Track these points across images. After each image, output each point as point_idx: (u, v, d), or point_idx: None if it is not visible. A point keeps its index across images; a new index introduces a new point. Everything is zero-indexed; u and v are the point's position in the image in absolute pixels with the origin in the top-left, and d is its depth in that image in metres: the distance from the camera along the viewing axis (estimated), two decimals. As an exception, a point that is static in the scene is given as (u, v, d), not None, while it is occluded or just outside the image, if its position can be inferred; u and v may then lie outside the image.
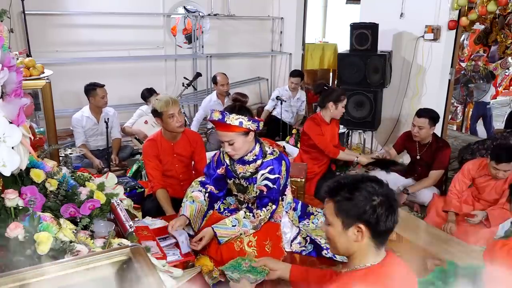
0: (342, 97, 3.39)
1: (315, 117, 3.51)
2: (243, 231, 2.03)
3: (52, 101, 2.49)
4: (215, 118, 2.01)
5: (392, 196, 1.27)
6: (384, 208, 1.23)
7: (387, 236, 1.28)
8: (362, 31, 4.39)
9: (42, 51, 5.03)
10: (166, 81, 6.09)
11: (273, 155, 2.15)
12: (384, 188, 1.27)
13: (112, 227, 1.68)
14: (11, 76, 1.30)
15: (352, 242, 1.27)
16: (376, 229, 1.24)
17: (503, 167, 2.88)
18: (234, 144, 2.05)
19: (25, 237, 1.29)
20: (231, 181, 2.28)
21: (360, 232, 1.25)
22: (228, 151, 2.10)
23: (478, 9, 3.98)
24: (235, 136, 2.04)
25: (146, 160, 2.79)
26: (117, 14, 5.57)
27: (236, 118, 2.00)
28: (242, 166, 2.19)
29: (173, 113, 2.65)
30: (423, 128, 3.47)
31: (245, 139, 2.07)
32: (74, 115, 4.27)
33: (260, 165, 2.13)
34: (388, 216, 1.23)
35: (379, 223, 1.23)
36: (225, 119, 1.99)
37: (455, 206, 3.11)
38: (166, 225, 2.31)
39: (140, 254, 1.12)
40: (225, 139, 2.06)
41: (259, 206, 2.09)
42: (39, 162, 1.69)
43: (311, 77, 7.79)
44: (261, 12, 6.69)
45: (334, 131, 3.56)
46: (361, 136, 5.05)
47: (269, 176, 2.09)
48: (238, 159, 2.16)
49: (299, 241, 2.23)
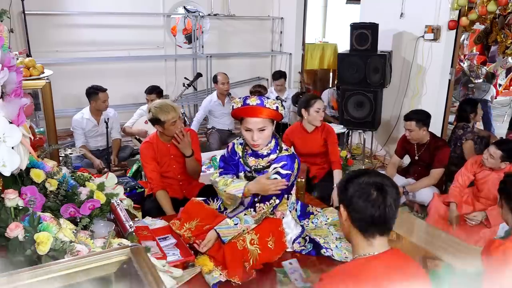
0: (312, 101, 3.21)
1: (296, 124, 3.45)
2: (245, 227, 2.02)
3: (52, 101, 2.49)
4: (253, 103, 1.98)
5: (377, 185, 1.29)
6: (356, 193, 1.30)
7: (369, 225, 1.30)
8: (362, 31, 4.39)
9: (42, 51, 5.03)
10: (166, 81, 6.09)
11: (288, 152, 2.15)
12: (372, 179, 1.31)
13: (112, 227, 1.68)
14: (11, 76, 1.30)
15: (343, 224, 1.39)
16: (354, 215, 1.32)
17: (491, 150, 3.01)
18: (265, 131, 2.03)
19: (25, 237, 1.29)
20: (242, 174, 2.24)
21: (340, 213, 1.38)
22: (255, 140, 2.04)
23: (478, 9, 3.97)
24: (268, 123, 2.03)
25: (144, 162, 2.79)
26: (117, 14, 5.57)
27: (273, 103, 1.99)
28: (254, 159, 2.17)
29: (175, 120, 2.65)
30: (412, 131, 3.50)
31: (272, 127, 2.07)
32: (74, 116, 4.25)
33: (274, 159, 2.12)
34: (359, 202, 1.29)
35: (354, 208, 1.31)
36: (265, 103, 1.98)
37: (455, 196, 3.18)
38: (166, 225, 2.31)
39: (140, 254, 1.12)
40: (258, 126, 2.02)
41: (262, 199, 2.09)
42: (39, 162, 1.70)
43: (311, 77, 7.80)
44: (261, 12, 6.70)
45: (316, 141, 3.32)
46: (361, 136, 5.05)
47: (281, 171, 2.08)
48: (252, 151, 2.15)
49: (299, 241, 2.23)
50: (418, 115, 3.50)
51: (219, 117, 4.92)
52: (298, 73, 6.60)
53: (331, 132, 3.32)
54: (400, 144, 3.83)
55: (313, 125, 3.28)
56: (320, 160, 3.39)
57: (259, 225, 2.09)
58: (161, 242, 2.11)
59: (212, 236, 2.01)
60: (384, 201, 1.27)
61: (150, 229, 2.24)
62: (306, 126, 3.31)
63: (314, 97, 3.29)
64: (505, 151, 2.98)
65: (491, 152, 3.01)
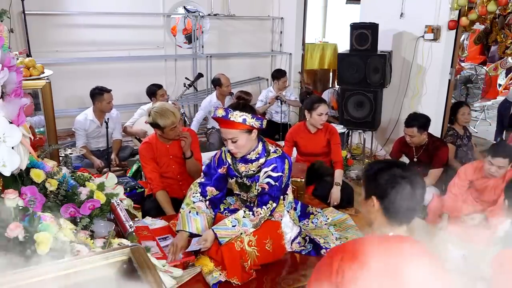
0: (316, 105, 3.18)
1: (300, 124, 3.44)
2: (243, 230, 2.02)
3: (52, 101, 2.49)
4: (219, 115, 2.00)
5: (410, 179, 1.35)
6: (392, 186, 1.34)
7: (399, 216, 1.36)
8: (362, 31, 4.39)
9: (42, 51, 5.03)
10: (166, 81, 6.08)
11: (276, 153, 2.15)
12: (402, 172, 1.37)
13: (112, 227, 1.69)
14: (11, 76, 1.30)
15: (372, 214, 1.41)
16: (388, 207, 1.35)
17: (497, 161, 2.87)
18: (237, 142, 2.05)
19: (25, 237, 1.29)
20: (233, 180, 2.27)
21: (368, 204, 1.41)
22: (231, 149, 2.09)
23: (478, 9, 3.97)
24: (238, 134, 2.04)
25: (143, 163, 2.79)
26: (117, 14, 5.57)
27: (240, 115, 1.99)
28: (244, 165, 2.18)
29: (175, 125, 2.66)
30: (414, 136, 3.49)
31: (249, 137, 2.06)
32: (77, 117, 4.21)
33: (264, 163, 2.13)
34: (397, 196, 1.33)
35: (390, 200, 1.34)
36: (229, 116, 1.99)
37: (449, 207, 3.13)
38: (166, 225, 2.31)
39: (140, 254, 1.12)
40: (228, 137, 2.05)
41: (259, 203, 2.09)
42: (39, 162, 1.69)
43: (311, 77, 7.80)
44: (261, 12, 6.69)
45: (319, 141, 3.32)
46: (361, 136, 5.05)
47: (272, 174, 2.09)
48: (241, 157, 2.16)
49: (299, 241, 2.23)
50: (419, 121, 3.47)
51: (219, 117, 4.92)
52: (298, 73, 6.60)
53: (334, 133, 3.33)
54: (396, 147, 3.82)
55: (316, 127, 3.28)
56: (322, 160, 3.40)
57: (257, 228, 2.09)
58: (161, 242, 2.11)
59: (209, 235, 2.00)
60: (415, 193, 1.34)
61: (150, 229, 2.24)
62: (310, 127, 3.32)
63: (318, 101, 3.26)
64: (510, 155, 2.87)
65: (500, 164, 2.86)
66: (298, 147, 3.37)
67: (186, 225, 2.11)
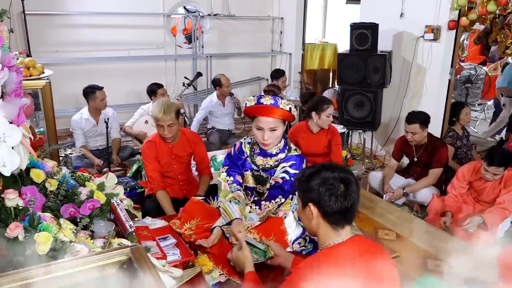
0: (325, 106, 3.17)
1: (301, 124, 3.44)
2: (249, 225, 2.04)
3: (52, 101, 2.49)
4: (267, 102, 2.00)
5: (341, 178, 1.35)
6: (325, 189, 1.34)
7: (340, 217, 1.36)
8: (362, 31, 4.39)
9: (42, 51, 5.03)
10: (166, 81, 6.08)
11: (296, 152, 2.16)
12: (335, 173, 1.36)
13: (112, 227, 1.68)
14: (11, 76, 1.30)
15: (311, 221, 1.41)
16: (326, 211, 1.35)
17: (492, 170, 2.95)
18: (276, 132, 2.05)
19: (25, 237, 1.29)
20: (250, 172, 2.24)
21: (305, 212, 1.41)
22: (265, 140, 2.06)
23: (478, 9, 3.97)
24: (279, 123, 2.04)
25: (145, 161, 2.78)
26: (117, 14, 5.57)
27: (287, 104, 2.02)
28: (262, 158, 2.18)
29: (162, 125, 2.63)
30: (416, 133, 3.48)
31: (283, 128, 2.08)
32: (73, 117, 4.24)
33: (283, 158, 2.13)
34: (331, 198, 1.33)
35: (326, 205, 1.35)
36: (279, 104, 2.00)
37: (450, 206, 3.15)
38: (166, 225, 2.31)
39: (140, 254, 1.12)
40: (270, 126, 2.03)
41: (268, 197, 2.10)
42: (39, 162, 1.69)
43: (311, 77, 7.80)
44: (261, 12, 6.70)
45: (320, 142, 3.34)
46: (361, 136, 5.05)
47: (289, 170, 2.10)
48: (260, 150, 2.16)
49: (299, 241, 2.23)
50: (420, 118, 3.48)
51: (219, 117, 4.93)
52: (298, 73, 6.60)
53: (335, 134, 3.33)
54: (397, 147, 3.83)
55: (321, 127, 3.28)
56: (322, 160, 3.39)
57: (261, 224, 2.09)
58: (161, 242, 2.11)
59: (219, 233, 2.02)
60: (351, 192, 1.35)
61: (150, 229, 2.24)
62: (312, 127, 3.31)
63: (326, 102, 3.25)
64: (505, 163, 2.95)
65: (495, 172, 2.94)
66: (299, 147, 3.37)
67: (232, 214, 2.04)
